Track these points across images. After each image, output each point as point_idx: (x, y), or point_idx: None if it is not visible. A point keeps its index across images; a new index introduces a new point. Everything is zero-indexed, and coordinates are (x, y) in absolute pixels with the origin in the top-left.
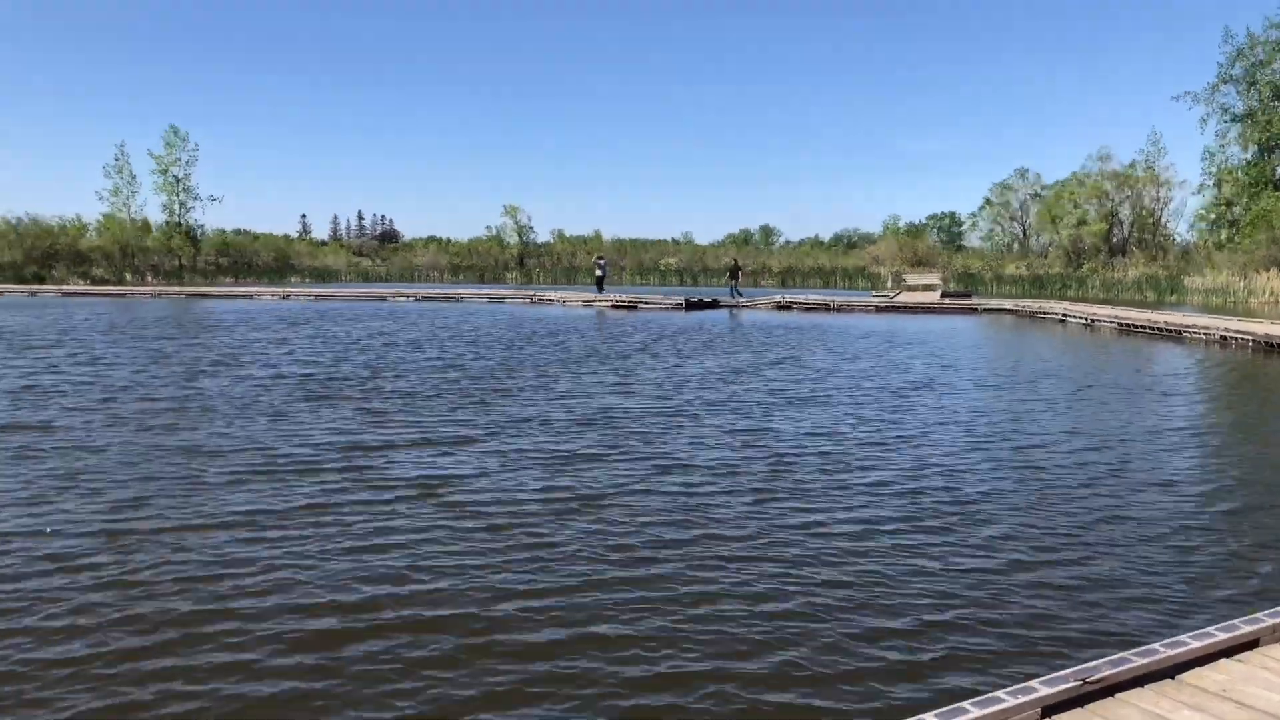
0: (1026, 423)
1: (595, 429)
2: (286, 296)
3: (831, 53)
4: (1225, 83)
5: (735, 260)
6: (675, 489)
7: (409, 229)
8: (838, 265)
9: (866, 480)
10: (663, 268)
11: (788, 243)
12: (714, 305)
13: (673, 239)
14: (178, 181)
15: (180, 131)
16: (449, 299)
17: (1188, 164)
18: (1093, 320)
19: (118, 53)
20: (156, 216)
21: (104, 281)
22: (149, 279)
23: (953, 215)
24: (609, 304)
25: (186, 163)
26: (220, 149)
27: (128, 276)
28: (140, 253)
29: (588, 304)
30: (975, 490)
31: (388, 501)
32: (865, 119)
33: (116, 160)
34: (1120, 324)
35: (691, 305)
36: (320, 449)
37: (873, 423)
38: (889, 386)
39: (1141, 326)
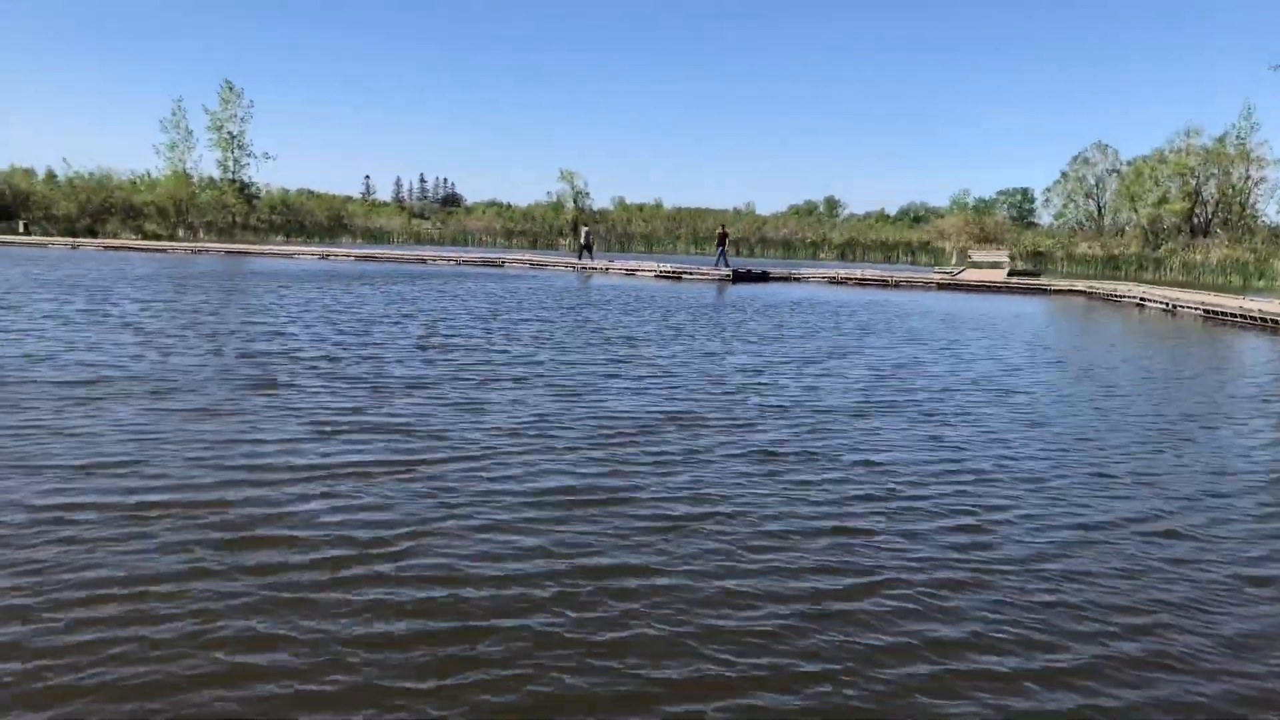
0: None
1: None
2: (326, 256)
3: (906, 23)
4: None
5: (723, 228)
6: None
7: (471, 193)
8: (900, 240)
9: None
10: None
11: (852, 215)
12: (764, 277)
13: (734, 209)
14: (232, 138)
15: (235, 87)
16: (488, 264)
17: None
18: (1174, 306)
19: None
20: (213, 173)
21: (156, 236)
22: (201, 235)
23: (1025, 191)
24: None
25: (241, 119)
26: (289, 109)
27: (180, 232)
28: (194, 208)
29: (629, 273)
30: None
31: None
32: (938, 90)
33: (174, 115)
34: (1207, 311)
35: (740, 277)
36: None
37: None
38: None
39: (1231, 315)
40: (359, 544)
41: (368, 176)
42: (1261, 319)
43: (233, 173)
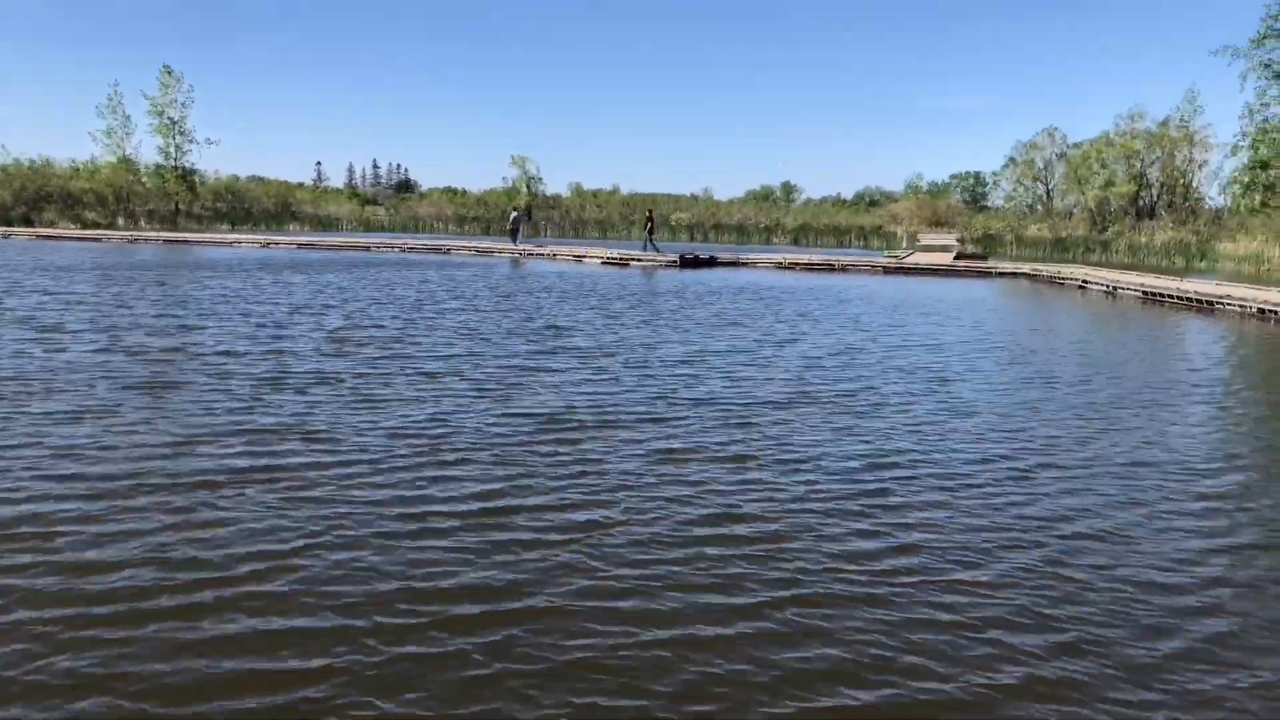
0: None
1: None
2: (267, 245)
3: (866, 8)
4: (1268, 38)
5: (650, 213)
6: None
7: (426, 179)
8: (854, 224)
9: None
10: (673, 223)
11: (809, 200)
12: (711, 263)
13: (691, 194)
14: (173, 123)
15: (174, 72)
16: (434, 250)
17: (1227, 125)
18: (1115, 288)
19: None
20: (153, 160)
21: (95, 225)
22: (142, 223)
23: (977, 175)
24: (538, 254)
25: (182, 104)
26: (237, 95)
27: (120, 220)
28: (134, 196)
29: (577, 259)
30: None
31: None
32: (892, 74)
33: (110, 100)
34: (1146, 293)
35: (686, 263)
36: None
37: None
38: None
39: (1169, 296)
40: (189, 567)
41: (319, 163)
42: (1197, 300)
43: (175, 159)
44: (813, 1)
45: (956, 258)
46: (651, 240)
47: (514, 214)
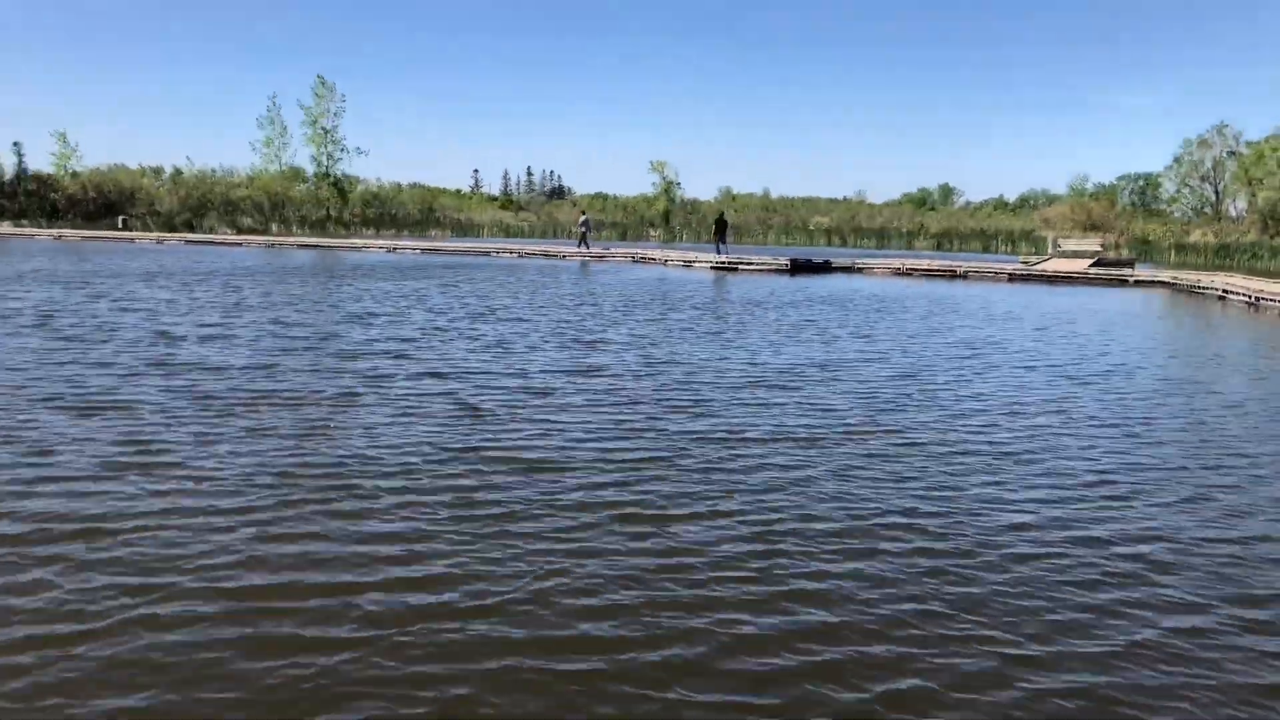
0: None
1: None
2: (393, 250)
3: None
4: None
5: (722, 214)
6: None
7: (580, 185)
8: (1001, 228)
9: None
10: (813, 227)
11: (969, 203)
12: (825, 268)
13: (844, 197)
14: (326, 133)
15: (328, 82)
16: (548, 255)
17: None
18: (1259, 299)
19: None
20: (308, 167)
21: (251, 231)
22: (295, 229)
23: (1147, 177)
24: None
25: (335, 114)
26: (404, 104)
27: (274, 227)
28: (289, 202)
29: (687, 264)
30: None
31: None
32: (1060, 69)
33: (269, 111)
34: None
35: (799, 268)
36: None
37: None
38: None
39: None
40: None
41: (476, 170)
42: None
43: (326, 167)
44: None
45: (1097, 264)
46: (723, 244)
47: (584, 217)
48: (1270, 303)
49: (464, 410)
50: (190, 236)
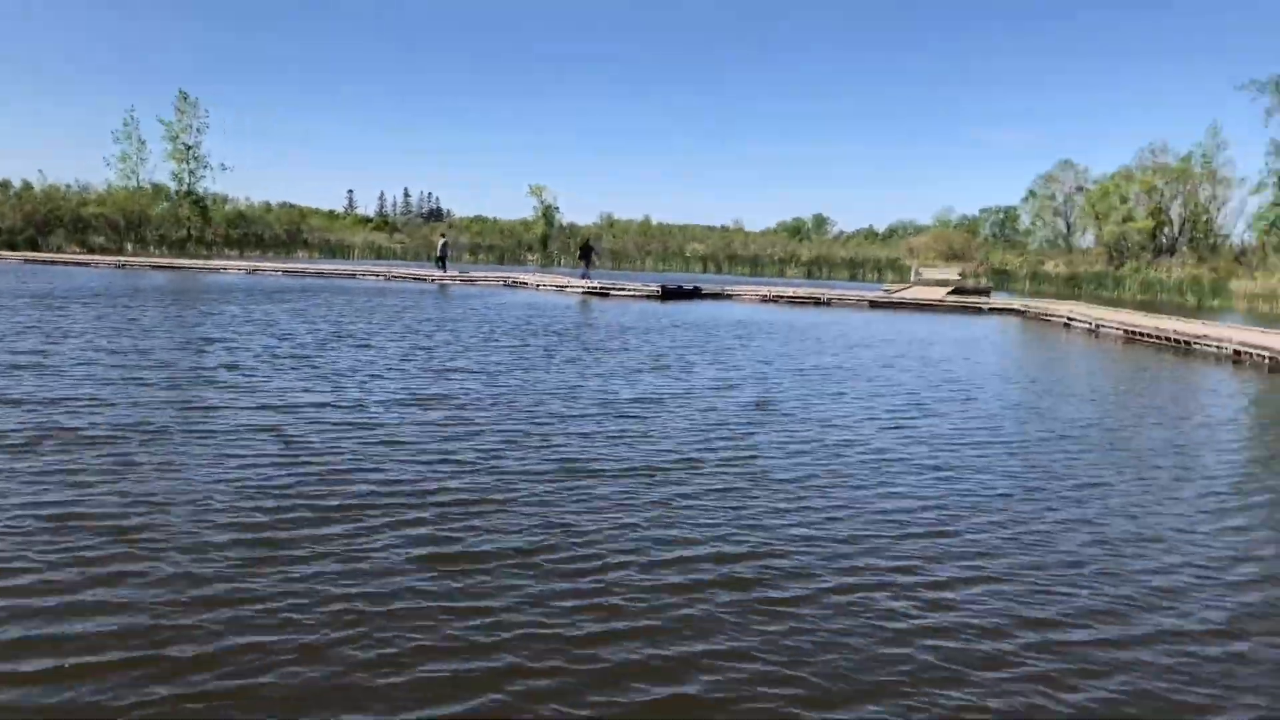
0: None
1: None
2: (253, 271)
3: (903, 39)
4: None
5: (587, 240)
6: None
7: (459, 208)
8: (870, 257)
9: None
10: (689, 254)
11: (841, 233)
12: (696, 294)
13: (722, 225)
14: (188, 149)
15: (190, 98)
16: (418, 279)
17: (1253, 160)
18: (1098, 326)
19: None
20: (170, 185)
21: (104, 250)
22: (153, 250)
23: (1008, 210)
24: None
25: (197, 130)
26: (270, 124)
27: (129, 246)
28: (146, 222)
29: (560, 289)
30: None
31: None
32: (932, 105)
33: (126, 125)
34: (1127, 331)
35: (670, 294)
36: None
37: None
38: None
39: (1148, 335)
40: None
41: (350, 191)
42: (1175, 339)
43: (189, 184)
44: (846, 29)
45: (956, 292)
46: (589, 267)
47: (442, 240)
48: (1108, 329)
49: (280, 445)
50: (32, 255)
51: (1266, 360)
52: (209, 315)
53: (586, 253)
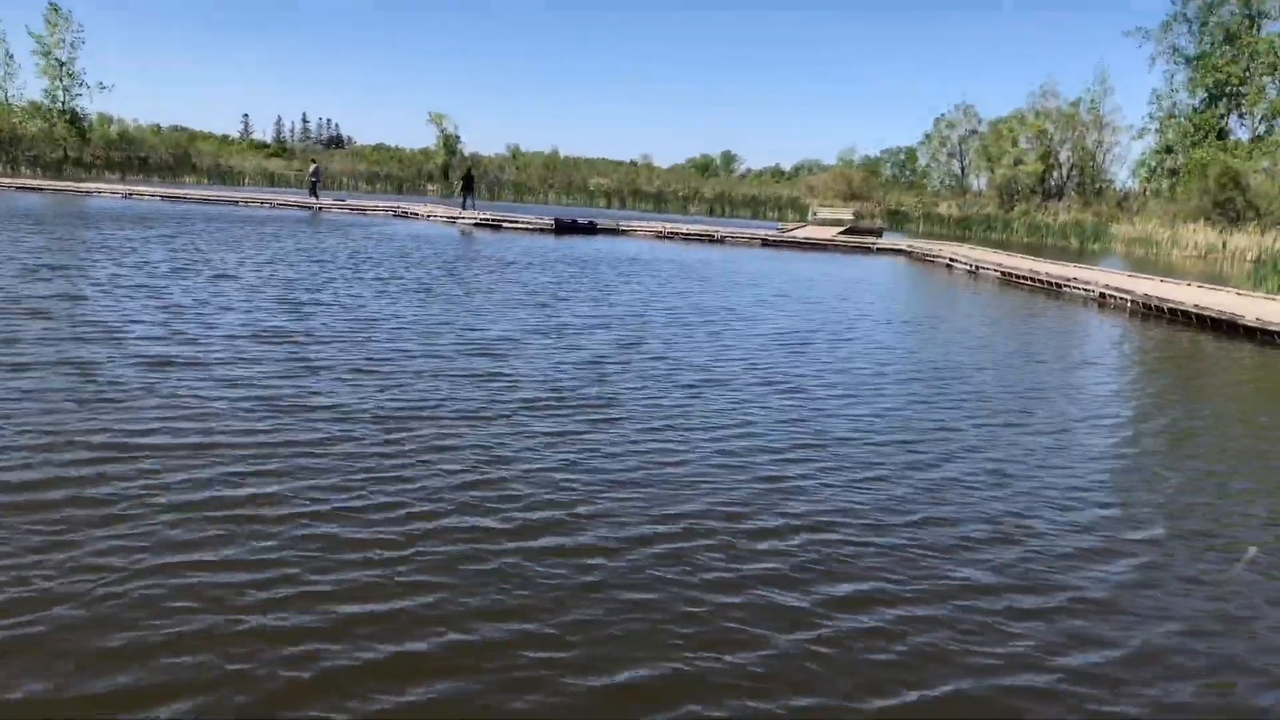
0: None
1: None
2: (129, 195)
3: None
4: (1177, 21)
5: (469, 169)
6: None
7: (362, 136)
8: (771, 195)
9: None
10: (593, 188)
11: (749, 171)
12: (590, 229)
13: (630, 160)
14: (61, 65)
15: (61, 9)
16: (304, 207)
17: (1139, 106)
18: (978, 268)
19: None
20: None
21: None
22: (24, 170)
23: (910, 151)
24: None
25: (71, 45)
26: (164, 46)
27: None
28: (18, 141)
29: (450, 220)
30: None
31: None
32: (842, 44)
33: None
34: (1003, 273)
35: (565, 229)
36: None
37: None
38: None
39: (1023, 278)
40: None
41: (246, 115)
42: (1047, 282)
43: (63, 103)
44: None
45: (849, 232)
46: (469, 198)
47: (314, 165)
48: (986, 271)
49: (91, 383)
50: None
51: (1128, 304)
52: (62, 241)
53: (469, 183)
